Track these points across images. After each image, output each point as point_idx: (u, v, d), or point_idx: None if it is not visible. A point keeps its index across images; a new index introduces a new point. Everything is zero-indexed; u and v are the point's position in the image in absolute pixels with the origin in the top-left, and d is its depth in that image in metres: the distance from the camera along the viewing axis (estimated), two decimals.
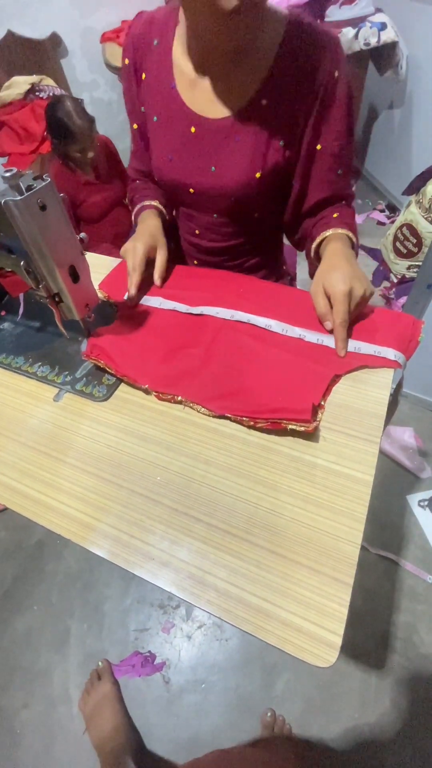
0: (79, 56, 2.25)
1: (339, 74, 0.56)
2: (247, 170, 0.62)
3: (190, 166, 0.65)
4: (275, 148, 0.61)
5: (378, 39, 1.77)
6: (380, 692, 0.97)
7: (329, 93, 0.57)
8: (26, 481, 0.48)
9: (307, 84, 0.56)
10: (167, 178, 0.69)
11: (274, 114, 0.59)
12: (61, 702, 1.02)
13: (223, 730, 0.96)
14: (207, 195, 0.67)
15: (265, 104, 0.58)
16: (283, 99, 0.58)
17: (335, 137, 0.60)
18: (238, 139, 0.61)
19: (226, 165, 0.63)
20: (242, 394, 0.51)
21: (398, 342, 0.55)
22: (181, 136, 0.64)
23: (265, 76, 0.57)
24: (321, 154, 0.61)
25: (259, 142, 0.60)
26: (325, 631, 0.36)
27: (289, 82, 0.56)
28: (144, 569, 0.41)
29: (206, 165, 0.64)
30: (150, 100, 0.66)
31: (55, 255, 0.46)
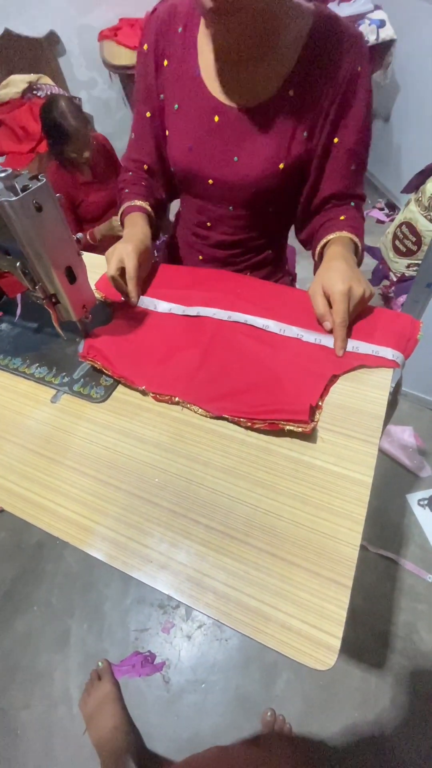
0: (77, 54, 2.24)
1: (362, 69, 0.56)
2: (271, 161, 0.62)
3: (211, 156, 0.64)
4: (299, 140, 0.61)
5: (377, 36, 1.76)
6: (380, 691, 0.97)
7: (351, 87, 0.57)
8: (24, 484, 0.48)
9: (332, 77, 0.56)
10: (185, 168, 0.67)
11: (300, 105, 0.59)
12: (61, 702, 1.02)
13: (224, 730, 0.96)
14: (227, 186, 0.66)
15: (292, 95, 0.58)
16: (308, 90, 0.58)
17: (353, 132, 0.60)
18: (262, 130, 0.61)
19: (249, 155, 0.62)
20: (240, 394, 0.51)
21: (397, 341, 0.55)
22: (203, 125, 0.63)
23: (292, 68, 0.57)
24: (337, 148, 0.61)
25: (284, 133, 0.60)
26: (324, 633, 0.35)
27: (315, 74, 0.57)
28: (142, 572, 0.41)
29: (229, 155, 0.63)
30: (171, 87, 0.65)
31: (51, 256, 0.46)
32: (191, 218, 0.77)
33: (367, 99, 0.59)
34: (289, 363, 0.54)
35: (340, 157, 0.62)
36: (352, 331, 0.57)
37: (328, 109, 0.58)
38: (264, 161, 0.62)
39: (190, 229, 0.79)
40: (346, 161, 0.63)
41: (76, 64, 2.28)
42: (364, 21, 1.74)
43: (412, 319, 0.57)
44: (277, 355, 0.55)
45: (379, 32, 1.76)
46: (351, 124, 0.60)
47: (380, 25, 1.75)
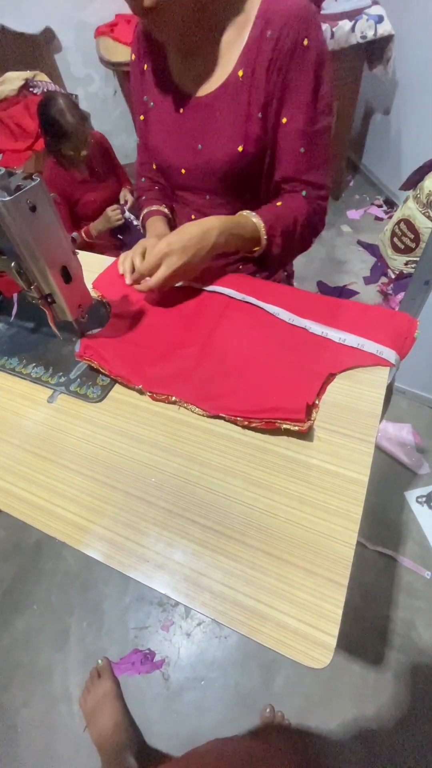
0: (73, 51, 2.22)
1: (309, 43, 0.54)
2: (229, 145, 0.62)
3: (180, 147, 0.67)
4: (255, 120, 0.60)
5: (375, 32, 1.75)
6: (378, 687, 0.98)
7: (297, 62, 0.55)
8: (20, 484, 0.48)
9: (276, 53, 0.55)
10: (161, 161, 0.71)
11: (250, 85, 0.58)
12: (61, 700, 1.02)
13: (223, 726, 0.97)
14: (197, 174, 0.68)
15: (241, 76, 0.58)
16: (256, 69, 0.57)
17: (300, 111, 0.58)
18: (219, 115, 0.62)
19: (210, 142, 0.64)
20: (236, 393, 0.51)
21: (393, 340, 0.55)
22: (172, 118, 0.66)
23: (242, 49, 0.57)
24: (285, 128, 0.60)
25: (238, 116, 0.60)
26: (320, 632, 0.36)
27: (261, 53, 0.56)
28: (139, 571, 0.41)
29: (194, 144, 0.65)
30: (150, 88, 0.68)
31: (46, 256, 0.46)
32: (181, 212, 0.79)
33: (316, 75, 0.56)
34: (286, 362, 0.54)
35: (288, 138, 0.61)
36: (349, 328, 0.57)
37: (275, 87, 0.58)
38: (223, 146, 0.62)
39: (181, 224, 0.80)
40: (293, 143, 0.61)
41: (72, 61, 2.26)
42: (362, 16, 1.73)
43: (409, 317, 0.57)
44: (274, 354, 0.55)
45: (377, 28, 1.74)
46: (297, 103, 0.58)
47: (378, 21, 1.74)
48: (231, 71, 0.59)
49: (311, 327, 0.58)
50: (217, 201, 0.71)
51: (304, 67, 0.56)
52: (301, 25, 0.54)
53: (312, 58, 0.55)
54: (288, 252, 0.69)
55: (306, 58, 0.55)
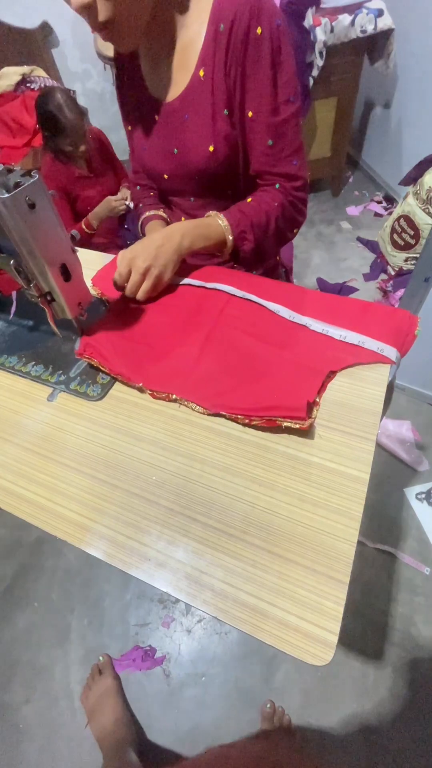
0: (71, 46, 2.21)
1: (263, 31, 0.52)
2: (201, 146, 0.62)
3: (159, 153, 0.67)
4: (222, 118, 0.60)
5: (375, 26, 1.74)
6: (378, 682, 0.99)
7: (252, 52, 0.53)
8: (21, 482, 0.48)
9: (231, 46, 0.54)
10: (147, 167, 0.72)
11: (212, 84, 0.58)
12: (62, 697, 1.03)
13: (224, 722, 0.97)
14: (177, 178, 0.69)
15: (203, 76, 0.58)
16: (216, 67, 0.57)
17: (263, 103, 0.57)
18: (187, 117, 0.62)
19: (183, 145, 0.64)
20: (237, 391, 0.51)
21: (394, 337, 0.55)
22: (149, 125, 0.67)
23: (200, 48, 0.57)
24: (251, 123, 0.59)
25: (205, 116, 0.61)
26: (321, 629, 0.36)
27: (217, 48, 0.56)
28: (140, 570, 0.41)
29: (170, 148, 0.66)
30: (130, 98, 0.69)
31: (45, 254, 0.45)
32: (172, 216, 0.79)
33: (273, 63, 0.54)
34: (287, 360, 0.54)
35: (255, 131, 0.60)
36: (349, 325, 0.57)
37: (235, 81, 0.56)
38: (196, 147, 0.63)
39: None
40: (261, 137, 0.60)
41: (69, 56, 2.25)
42: (362, 10, 1.72)
43: (410, 314, 0.57)
44: (275, 351, 0.55)
45: (377, 22, 1.73)
46: (259, 95, 0.56)
47: (378, 15, 1.73)
48: (193, 72, 0.59)
49: (312, 324, 0.58)
50: (200, 202, 0.71)
51: (260, 57, 0.53)
52: (251, 13, 0.51)
53: (267, 46, 0.53)
54: (264, 248, 0.68)
55: (261, 47, 0.53)
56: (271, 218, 0.65)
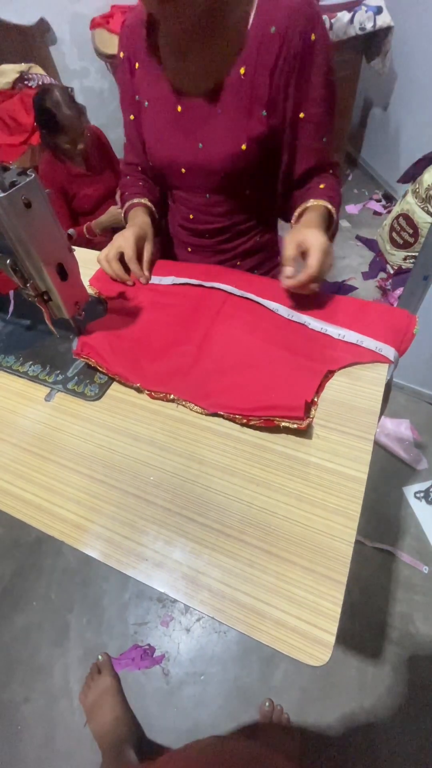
0: (69, 43, 2.19)
1: (316, 37, 0.54)
2: (232, 143, 0.61)
3: (179, 146, 0.66)
4: (258, 118, 0.60)
5: (374, 23, 1.73)
6: (377, 681, 0.99)
7: (307, 57, 0.55)
8: (18, 483, 0.48)
9: (284, 50, 0.55)
10: (159, 160, 0.69)
11: (253, 83, 0.58)
12: (61, 696, 1.03)
13: (222, 720, 0.97)
14: (197, 173, 0.67)
15: (243, 74, 0.58)
16: (260, 67, 0.57)
17: (316, 104, 0.59)
18: (220, 113, 0.61)
19: (211, 140, 0.63)
20: (235, 391, 0.51)
21: (393, 336, 0.55)
22: (169, 117, 0.65)
23: (242, 46, 0.57)
24: (304, 123, 0.61)
25: (240, 114, 0.60)
26: (319, 630, 0.36)
27: (264, 50, 0.56)
28: (137, 570, 0.41)
29: (194, 142, 0.64)
30: (143, 87, 0.67)
31: (41, 253, 0.45)
32: (176, 211, 0.78)
33: (326, 68, 0.57)
34: (284, 359, 0.53)
35: (308, 131, 0.62)
36: (348, 324, 0.57)
37: (285, 85, 0.57)
38: (225, 144, 0.62)
39: (177, 222, 0.80)
40: (315, 134, 0.62)
41: (68, 53, 2.23)
42: (361, 8, 1.71)
43: (408, 313, 0.57)
44: (273, 351, 0.55)
45: (376, 19, 1.72)
46: (313, 97, 0.59)
47: (377, 12, 1.72)
48: (231, 68, 0.58)
49: (311, 323, 0.57)
50: (216, 199, 0.70)
51: (314, 62, 0.56)
52: (307, 20, 0.53)
53: (321, 52, 0.56)
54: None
55: (315, 53, 0.55)
56: (341, 199, 0.69)
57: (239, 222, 0.75)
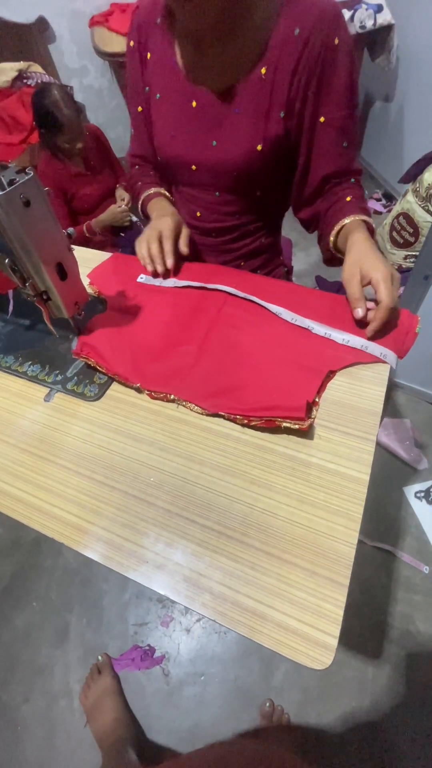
0: (68, 41, 2.19)
1: (339, 41, 0.54)
2: (248, 143, 0.61)
3: (192, 142, 0.64)
4: (276, 120, 0.59)
5: (374, 21, 1.72)
6: (377, 680, 0.99)
7: (329, 61, 0.55)
8: (17, 484, 0.47)
9: (306, 53, 0.54)
10: (169, 155, 0.68)
11: (273, 84, 0.57)
12: (61, 696, 1.02)
13: (223, 721, 0.97)
14: (209, 171, 0.66)
15: (264, 74, 0.57)
16: (282, 68, 0.56)
17: (338, 108, 0.58)
18: (237, 111, 0.60)
19: (226, 138, 0.62)
20: (236, 391, 0.50)
21: (395, 337, 0.55)
22: (182, 112, 0.63)
23: (263, 47, 0.56)
24: (324, 127, 0.60)
25: (258, 114, 0.59)
26: (321, 632, 0.35)
27: (287, 52, 0.55)
28: (138, 572, 0.40)
29: (207, 139, 0.63)
30: (154, 78, 0.65)
31: (40, 252, 0.45)
32: (183, 208, 0.77)
33: (348, 72, 0.57)
34: (285, 360, 0.53)
35: (329, 135, 0.61)
36: (348, 325, 0.56)
37: (305, 87, 0.57)
38: (241, 143, 0.61)
39: (184, 220, 0.78)
40: (336, 139, 0.61)
41: (67, 52, 2.22)
42: (361, 6, 1.71)
43: (409, 313, 0.57)
44: (273, 350, 0.54)
45: (376, 17, 1.72)
46: (335, 101, 0.58)
47: (377, 10, 1.72)
48: (252, 67, 0.57)
49: (314, 328, 0.57)
50: (226, 198, 0.69)
51: (337, 66, 0.55)
52: (331, 25, 0.53)
53: (344, 56, 0.55)
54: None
55: (338, 57, 0.55)
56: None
57: (247, 222, 0.74)
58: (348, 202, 0.64)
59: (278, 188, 0.70)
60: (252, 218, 0.74)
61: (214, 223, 0.73)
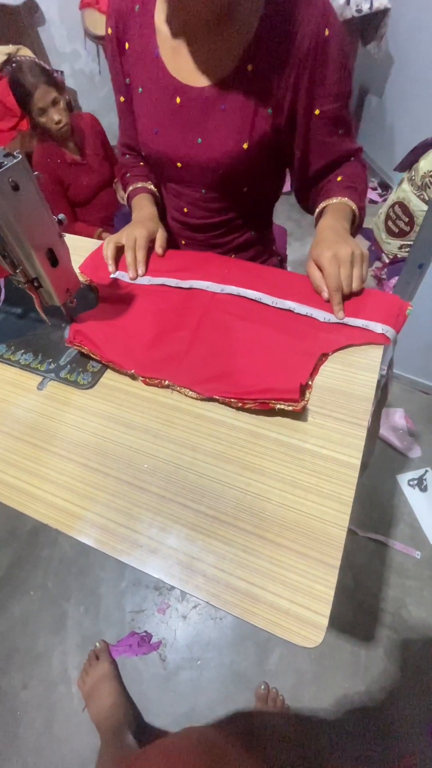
0: (58, 24, 2.13)
1: (330, 32, 0.52)
2: (234, 141, 0.59)
3: (176, 139, 0.63)
4: (263, 117, 0.58)
5: (370, 5, 1.70)
6: (370, 663, 1.01)
7: (321, 54, 0.53)
8: (11, 471, 0.47)
9: (296, 46, 0.53)
10: (153, 152, 0.66)
11: (261, 80, 0.56)
12: (60, 682, 1.04)
13: (219, 703, 0.99)
14: (194, 169, 0.65)
15: (251, 70, 0.55)
16: (270, 64, 0.55)
17: (332, 100, 0.57)
18: (223, 108, 0.58)
19: (212, 136, 0.60)
20: (230, 375, 0.51)
21: (386, 317, 0.55)
22: (166, 108, 0.61)
23: (250, 41, 0.54)
24: (319, 119, 0.59)
25: (246, 111, 0.58)
26: (312, 612, 0.36)
27: (275, 46, 0.53)
28: (132, 557, 0.41)
29: (192, 137, 0.61)
30: (134, 70, 0.63)
31: (30, 238, 0.44)
32: (170, 204, 0.76)
33: (341, 64, 0.55)
34: (279, 342, 0.53)
35: (325, 126, 0.60)
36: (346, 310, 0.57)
37: (296, 82, 0.55)
38: (226, 141, 0.59)
39: (170, 215, 0.78)
40: (330, 130, 0.60)
41: (57, 35, 2.17)
42: None
43: (399, 298, 0.57)
44: (266, 335, 0.54)
45: (372, 1, 1.69)
46: (329, 93, 0.56)
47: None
48: (238, 63, 0.55)
49: (296, 309, 0.57)
50: (212, 195, 0.68)
51: (328, 59, 0.54)
52: (320, 16, 0.51)
53: (335, 47, 0.53)
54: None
55: (329, 49, 0.53)
56: (364, 182, 0.67)
57: (234, 218, 0.73)
58: (337, 182, 0.64)
59: (266, 183, 0.69)
60: (239, 213, 0.73)
61: (201, 219, 0.73)
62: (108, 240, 0.68)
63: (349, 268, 0.56)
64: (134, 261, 0.66)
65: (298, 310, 0.57)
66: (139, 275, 0.65)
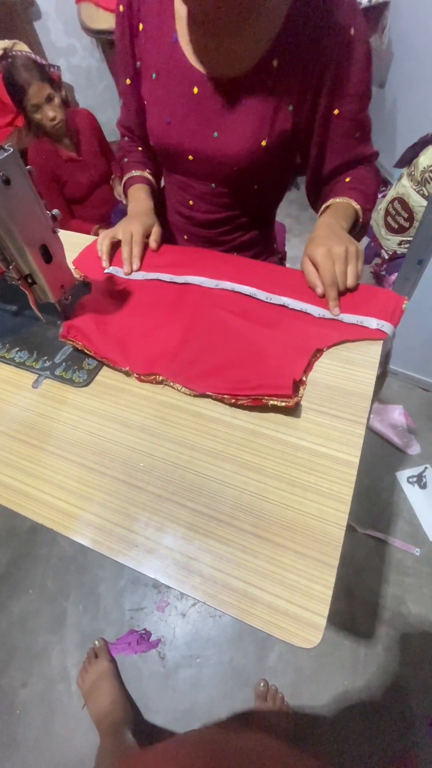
0: (54, 18, 2.11)
1: (355, 31, 0.51)
2: (253, 137, 0.57)
3: (191, 131, 0.60)
4: (284, 114, 0.57)
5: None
6: (369, 660, 1.01)
7: (345, 52, 0.52)
8: (6, 471, 0.47)
9: (321, 45, 0.52)
10: (164, 142, 0.64)
11: (286, 76, 0.54)
12: (59, 680, 1.04)
13: (218, 701, 0.99)
14: (207, 163, 0.63)
15: (276, 66, 0.54)
16: (295, 60, 0.53)
17: (353, 101, 0.56)
18: (244, 103, 0.56)
19: (230, 131, 0.58)
20: (223, 371, 0.50)
21: (381, 313, 0.54)
22: (181, 97, 0.59)
23: (276, 36, 0.53)
24: (338, 119, 0.58)
25: (267, 107, 0.56)
26: (310, 613, 0.36)
27: (301, 42, 0.52)
28: (128, 557, 0.40)
29: (208, 130, 0.59)
30: (148, 54, 0.60)
31: (23, 233, 0.43)
32: (174, 196, 0.74)
33: (365, 63, 0.54)
34: (273, 338, 0.53)
35: (343, 128, 0.59)
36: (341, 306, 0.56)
37: (319, 80, 0.54)
38: (245, 138, 0.58)
39: (173, 208, 0.76)
40: (348, 131, 0.60)
41: (53, 29, 2.14)
42: None
43: (395, 294, 0.56)
44: (260, 330, 0.54)
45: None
46: (351, 94, 0.56)
47: None
48: (262, 57, 0.54)
49: (290, 304, 0.56)
50: (222, 190, 0.67)
51: (352, 58, 0.53)
52: (346, 13, 0.51)
53: (360, 47, 0.53)
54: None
55: (354, 48, 0.52)
56: (376, 190, 0.67)
57: (241, 215, 0.72)
58: (345, 183, 0.63)
59: (276, 182, 0.68)
60: (246, 210, 0.72)
61: (207, 214, 0.71)
62: (103, 235, 0.67)
63: (344, 265, 0.55)
64: (130, 256, 0.65)
65: (293, 306, 0.56)
66: (134, 270, 0.64)
